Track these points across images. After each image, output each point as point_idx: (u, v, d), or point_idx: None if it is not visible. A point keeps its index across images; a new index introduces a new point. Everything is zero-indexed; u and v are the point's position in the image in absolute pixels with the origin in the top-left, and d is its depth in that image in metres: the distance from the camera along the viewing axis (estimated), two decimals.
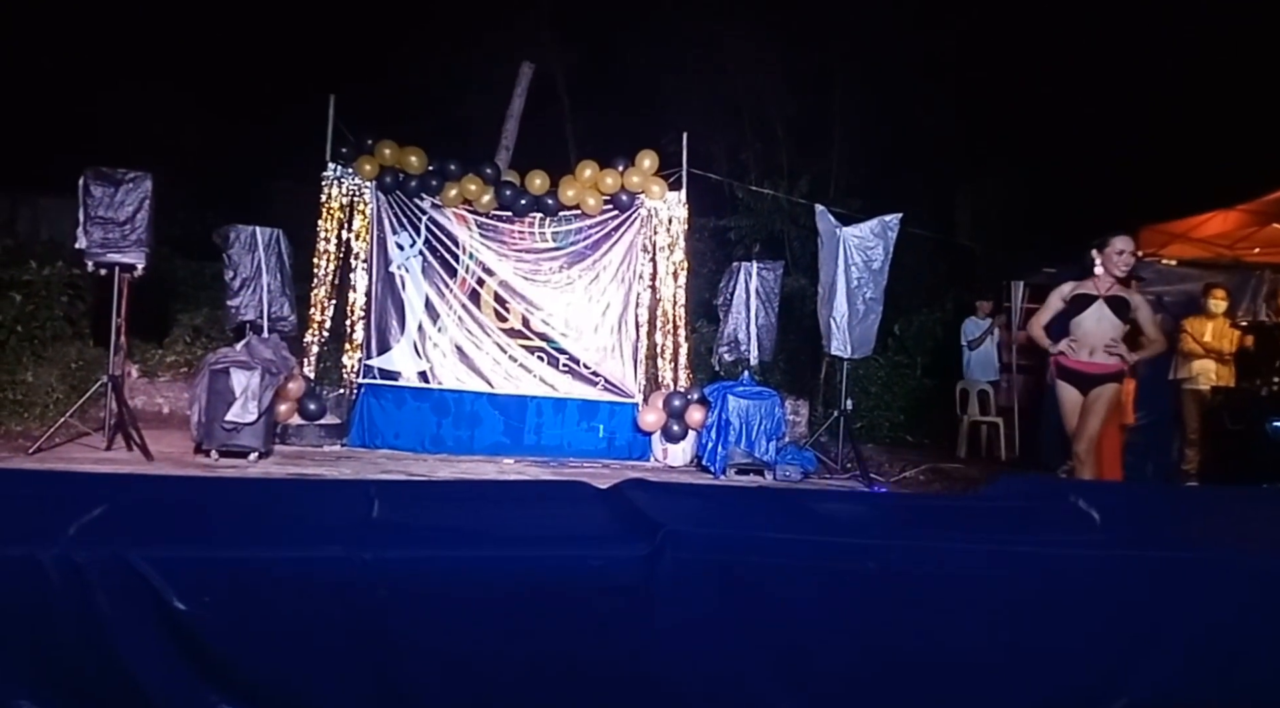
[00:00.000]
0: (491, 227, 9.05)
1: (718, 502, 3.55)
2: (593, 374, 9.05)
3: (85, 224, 7.23)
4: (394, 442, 8.65)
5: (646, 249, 9.17)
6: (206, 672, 2.36)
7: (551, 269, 9.11)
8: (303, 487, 4.50)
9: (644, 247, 9.16)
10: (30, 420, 8.35)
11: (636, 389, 9.12)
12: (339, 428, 8.58)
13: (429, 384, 8.87)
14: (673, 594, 2.61)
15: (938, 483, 8.73)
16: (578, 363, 9.04)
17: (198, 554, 2.40)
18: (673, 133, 9.66)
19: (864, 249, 8.63)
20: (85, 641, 2.31)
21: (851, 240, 8.62)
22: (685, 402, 8.72)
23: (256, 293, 8.01)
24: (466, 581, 2.55)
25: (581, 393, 9.00)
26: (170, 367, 9.96)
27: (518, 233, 9.09)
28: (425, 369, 8.90)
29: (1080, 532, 3.10)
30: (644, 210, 9.12)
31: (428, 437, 8.75)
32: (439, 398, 8.86)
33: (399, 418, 8.77)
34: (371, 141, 8.83)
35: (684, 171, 9.17)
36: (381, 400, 8.78)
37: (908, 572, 2.74)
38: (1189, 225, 9.03)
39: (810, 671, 2.70)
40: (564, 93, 16.19)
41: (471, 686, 2.54)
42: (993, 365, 10.55)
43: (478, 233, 9.03)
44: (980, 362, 10.52)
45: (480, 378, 8.93)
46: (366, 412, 8.72)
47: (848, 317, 8.64)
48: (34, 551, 2.31)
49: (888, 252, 8.65)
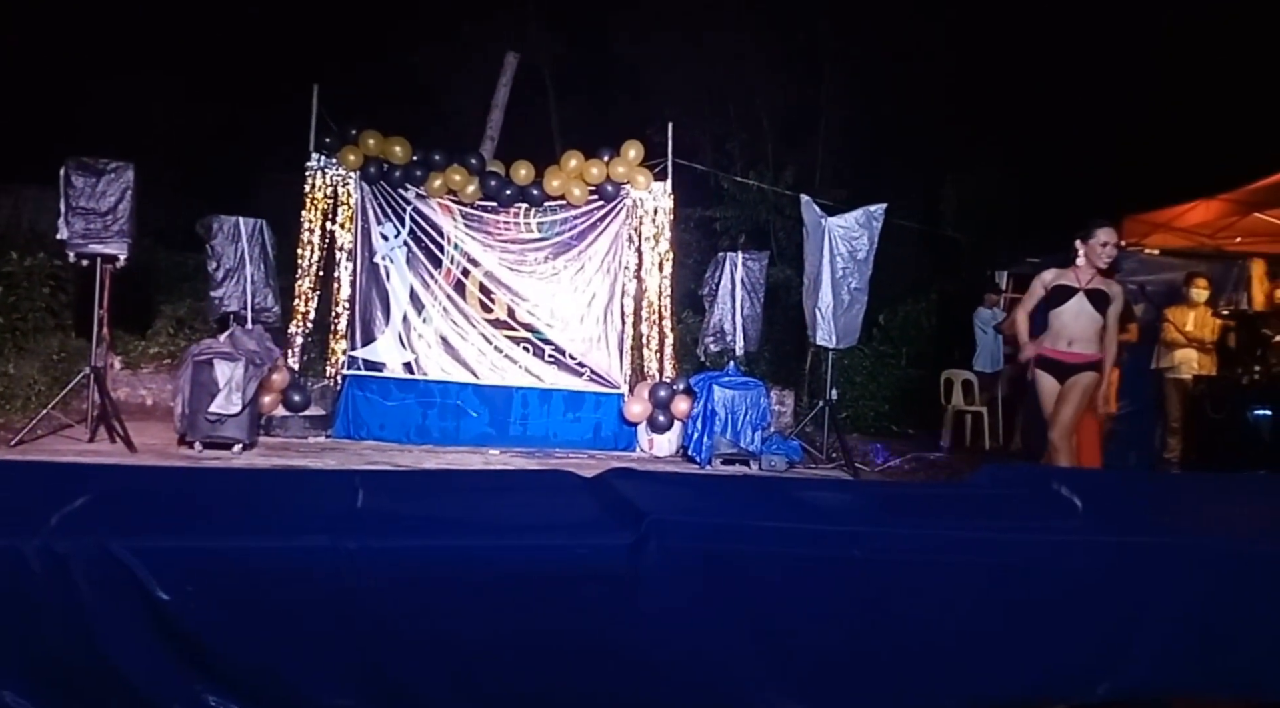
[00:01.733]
0: (476, 217, 9.03)
1: (703, 490, 3.55)
2: (578, 365, 9.04)
3: (67, 215, 7.18)
4: (379, 433, 8.63)
5: (632, 240, 9.16)
6: (191, 662, 2.35)
7: (537, 260, 9.09)
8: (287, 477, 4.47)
9: (629, 237, 9.16)
10: (12, 412, 8.29)
11: (622, 380, 9.12)
12: (324, 419, 8.56)
13: (414, 375, 8.85)
14: (658, 582, 2.61)
15: (922, 472, 8.78)
16: (563, 354, 9.03)
17: (181, 544, 2.39)
18: (658, 123, 9.65)
19: (849, 239, 8.65)
20: (68, 631, 2.30)
21: (837, 231, 8.64)
22: (671, 392, 8.73)
23: (240, 284, 7.97)
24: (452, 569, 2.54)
25: (567, 384, 9.00)
26: (153, 358, 9.91)
27: (503, 223, 9.07)
28: (410, 360, 8.88)
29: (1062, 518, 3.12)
30: (629, 201, 9.12)
31: (413, 428, 8.74)
32: (424, 389, 8.84)
33: (384, 409, 8.75)
34: (356, 131, 8.79)
35: (669, 162, 9.17)
36: (366, 392, 8.76)
37: (892, 559, 2.75)
38: (1171, 215, 9.07)
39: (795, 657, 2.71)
40: (549, 83, 16.16)
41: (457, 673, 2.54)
42: (998, 355, 10.59)
43: (463, 223, 9.00)
44: (988, 351, 10.56)
45: (465, 369, 8.91)
46: (351, 403, 8.70)
47: (833, 307, 8.66)
48: (15, 541, 2.29)
49: (873, 242, 8.67)
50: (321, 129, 8.79)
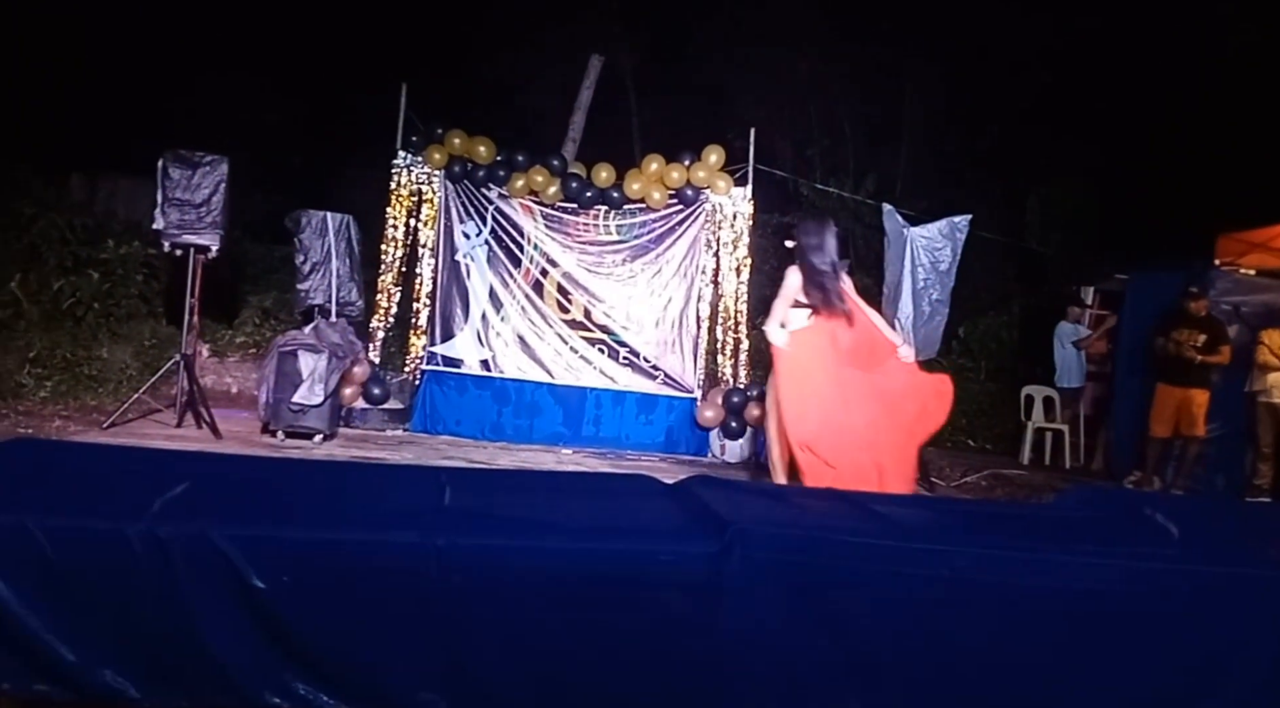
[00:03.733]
0: (556, 218, 9.09)
1: (785, 501, 3.53)
2: (652, 368, 9.05)
3: (163, 205, 7.37)
4: (455, 428, 8.72)
5: (709, 244, 9.14)
6: (283, 650, 2.41)
7: (614, 262, 9.12)
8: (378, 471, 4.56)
9: (707, 242, 9.13)
10: (104, 395, 8.55)
11: (695, 384, 9.10)
12: (401, 413, 8.68)
13: (490, 373, 8.93)
14: (741, 592, 2.61)
15: (1000, 489, 8.60)
16: (638, 356, 9.04)
17: (277, 534, 2.45)
18: (739, 128, 9.60)
19: (931, 250, 8.52)
20: (167, 615, 2.37)
21: (919, 241, 8.51)
22: (744, 398, 8.68)
23: (326, 277, 8.11)
24: (536, 569, 2.57)
25: (641, 386, 9.01)
26: (239, 347, 10.15)
27: (582, 225, 9.11)
28: (487, 358, 8.96)
29: (1158, 545, 3.04)
30: (708, 205, 9.09)
31: (488, 424, 8.82)
32: (500, 386, 8.92)
33: (460, 405, 8.85)
34: (441, 131, 8.90)
35: (750, 167, 9.12)
36: (444, 387, 8.86)
37: (982, 579, 2.70)
38: (1269, 234, 8.79)
39: (878, 675, 2.68)
40: (631, 86, 16.19)
41: (539, 672, 2.56)
42: (1081, 371, 10.33)
43: (543, 224, 9.07)
44: (1070, 366, 10.31)
45: (541, 368, 8.97)
46: (429, 398, 8.81)
47: (913, 318, 8.53)
48: (121, 525, 2.37)
49: (955, 253, 8.52)
50: (409, 128, 8.91)
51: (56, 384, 8.47)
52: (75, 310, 9.33)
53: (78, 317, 9.31)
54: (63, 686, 2.34)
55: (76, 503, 2.50)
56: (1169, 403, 8.28)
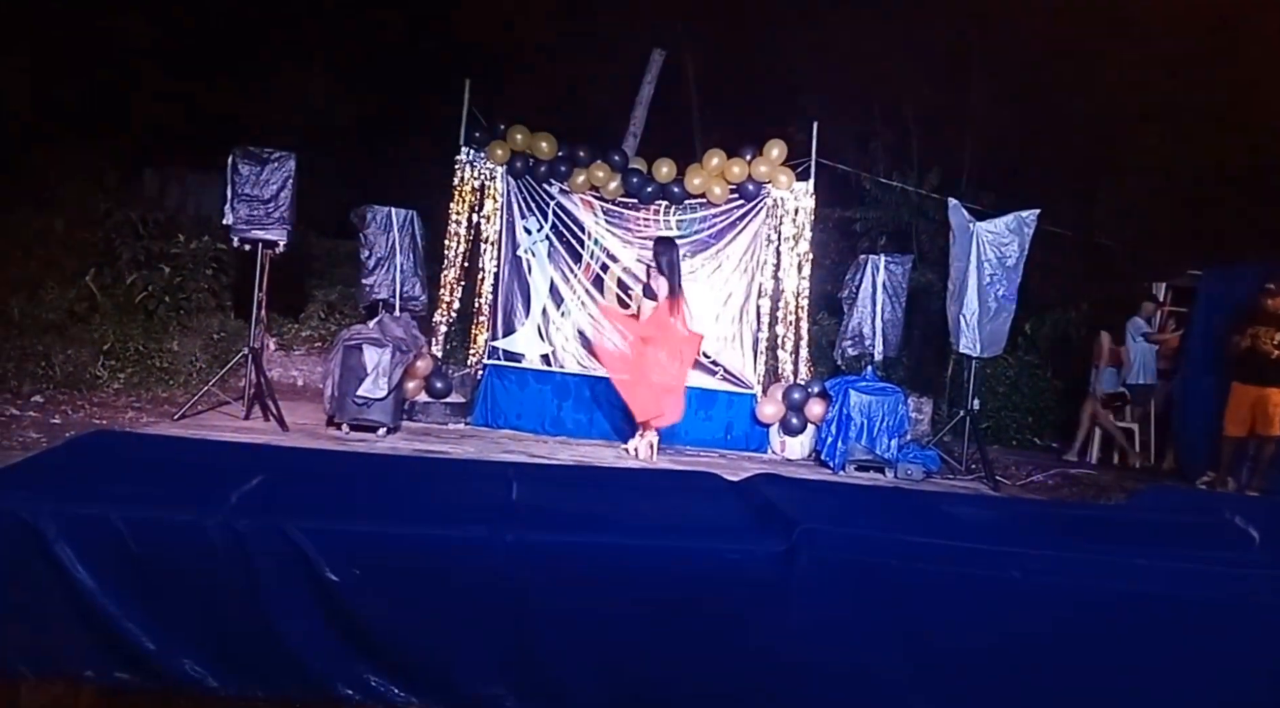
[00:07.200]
0: (617, 213, 9.09)
1: (851, 500, 3.50)
2: (712, 363, 9.01)
3: (232, 201, 7.51)
4: (516, 422, 8.78)
5: (771, 239, 9.07)
6: (355, 643, 2.44)
7: None
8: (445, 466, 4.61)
9: (768, 237, 9.07)
10: (175, 387, 8.75)
11: (756, 380, 9.04)
12: (463, 407, 8.76)
13: (551, 367, 8.98)
14: (808, 591, 2.59)
15: (1066, 488, 8.44)
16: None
17: (350, 528, 2.48)
18: (801, 122, 9.52)
19: (998, 245, 8.38)
20: (244, 606, 2.41)
21: (985, 236, 8.37)
22: (805, 395, 8.62)
23: (390, 272, 8.21)
24: (603, 565, 2.58)
25: (700, 382, 8.96)
26: (305, 341, 10.31)
27: (643, 220, 9.10)
28: (548, 352, 9.01)
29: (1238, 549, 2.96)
30: (770, 200, 9.03)
31: (548, 419, 8.86)
32: (561, 381, 8.96)
33: (521, 399, 8.90)
34: (504, 126, 8.96)
35: (813, 162, 9.04)
36: (505, 381, 8.92)
37: (1053, 582, 2.65)
38: None
39: (946, 677, 2.64)
40: (692, 81, 16.13)
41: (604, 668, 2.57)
42: (1152, 369, 10.08)
43: (603, 219, 9.08)
44: (1141, 362, 10.06)
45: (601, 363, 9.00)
46: (490, 392, 8.88)
47: (978, 314, 8.40)
48: (199, 516, 2.42)
49: (1023, 248, 8.37)
50: (471, 123, 8.98)
51: (129, 376, 8.68)
52: (147, 304, 9.55)
53: (149, 310, 9.52)
54: (144, 674, 2.40)
55: (156, 495, 2.56)
56: (1244, 402, 8.06)
